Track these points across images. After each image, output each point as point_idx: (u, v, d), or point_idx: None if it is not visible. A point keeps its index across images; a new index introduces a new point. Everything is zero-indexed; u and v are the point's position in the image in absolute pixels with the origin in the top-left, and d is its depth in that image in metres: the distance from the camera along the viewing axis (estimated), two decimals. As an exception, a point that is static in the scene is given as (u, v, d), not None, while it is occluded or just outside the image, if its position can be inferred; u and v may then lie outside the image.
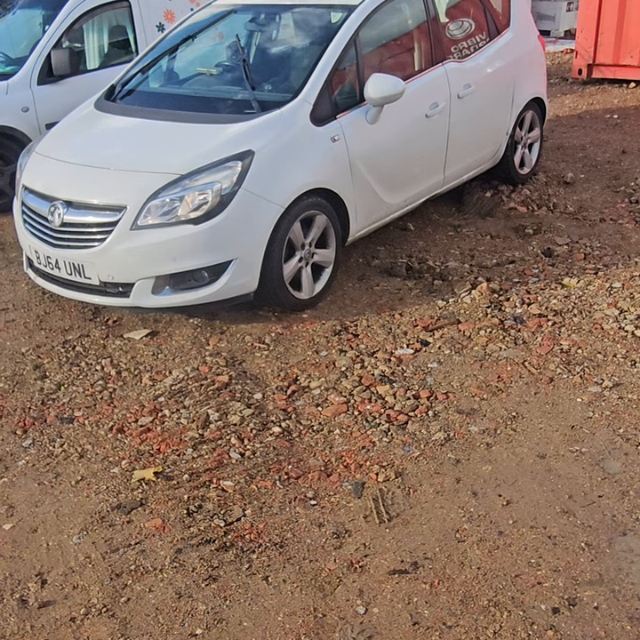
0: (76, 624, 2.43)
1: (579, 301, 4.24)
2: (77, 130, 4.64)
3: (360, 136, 4.33)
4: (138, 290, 3.90)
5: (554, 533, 2.68)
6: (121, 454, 3.20)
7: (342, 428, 3.30)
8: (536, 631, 2.33)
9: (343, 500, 2.90)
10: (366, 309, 4.29)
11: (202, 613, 2.45)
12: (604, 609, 2.39)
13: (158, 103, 4.58)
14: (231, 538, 2.73)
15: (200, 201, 3.79)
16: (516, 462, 3.05)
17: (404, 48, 4.92)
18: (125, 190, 3.88)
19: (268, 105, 4.18)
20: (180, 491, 2.97)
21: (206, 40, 5.20)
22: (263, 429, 3.31)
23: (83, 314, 4.35)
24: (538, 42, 5.98)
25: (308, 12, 4.77)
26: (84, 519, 2.85)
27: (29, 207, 4.22)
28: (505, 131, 5.64)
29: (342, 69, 4.37)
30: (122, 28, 6.65)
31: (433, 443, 3.18)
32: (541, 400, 3.42)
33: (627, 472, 2.96)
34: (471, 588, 2.48)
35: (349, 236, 4.51)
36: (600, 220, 5.40)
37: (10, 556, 2.70)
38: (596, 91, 9.14)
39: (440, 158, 5.02)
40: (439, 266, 4.76)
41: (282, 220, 3.96)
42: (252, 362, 3.84)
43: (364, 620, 2.40)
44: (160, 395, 3.58)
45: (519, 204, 5.68)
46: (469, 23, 5.28)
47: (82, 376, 3.77)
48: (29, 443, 3.30)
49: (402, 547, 2.66)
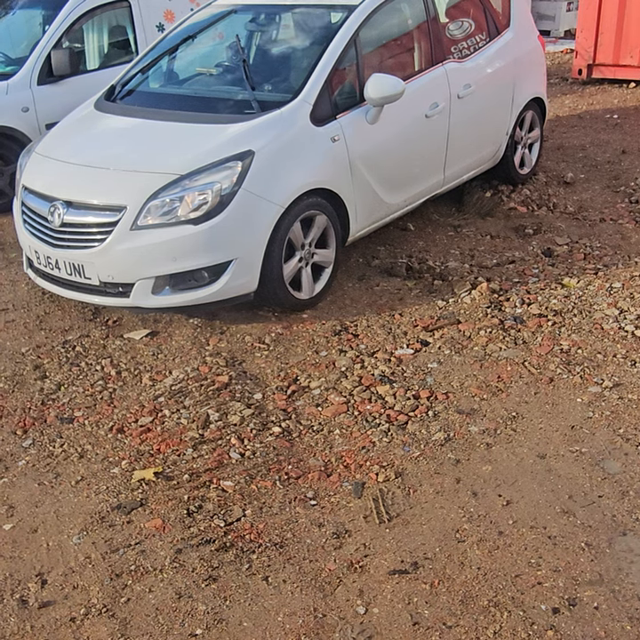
0: (76, 624, 2.43)
1: (579, 301, 4.24)
2: (77, 130, 4.64)
3: (360, 136, 4.33)
4: (138, 290, 3.90)
5: (554, 533, 2.68)
6: (121, 454, 3.20)
7: (342, 428, 3.30)
8: (536, 631, 2.33)
9: (343, 500, 2.90)
10: (366, 309, 4.29)
11: (202, 613, 2.45)
12: (604, 609, 2.39)
13: (158, 103, 4.58)
14: (231, 538, 2.73)
15: (200, 201, 3.79)
16: (516, 462, 3.05)
17: (404, 48, 4.92)
18: (125, 190, 3.88)
19: (268, 105, 4.18)
20: (180, 491, 2.97)
21: (206, 40, 5.20)
22: (263, 429, 3.31)
23: (83, 314, 4.35)
24: (538, 42, 5.98)
25: (308, 12, 4.77)
26: (84, 519, 2.85)
27: (29, 207, 4.22)
28: (505, 131, 5.64)
29: (342, 69, 4.37)
30: (122, 28, 6.65)
31: (433, 443, 3.18)
32: (541, 400, 3.42)
33: (627, 472, 2.96)
34: (471, 589, 2.49)
35: (349, 236, 4.51)
36: (600, 220, 5.40)
37: (10, 557, 2.70)
38: (596, 91, 9.14)
39: (440, 158, 5.02)
40: (439, 266, 4.76)
41: (282, 220, 3.96)
42: (252, 362, 3.84)
43: (364, 620, 2.40)
44: (160, 395, 3.59)
45: (519, 204, 5.68)
46: (469, 23, 5.28)
47: (82, 376, 3.78)
48: (29, 443, 3.30)
49: (402, 547, 2.66)
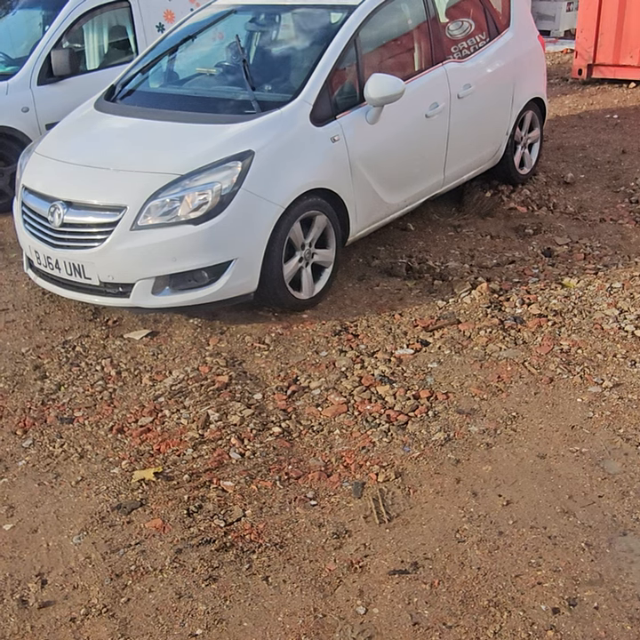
0: (76, 624, 2.43)
1: (579, 301, 4.24)
2: (77, 130, 4.64)
3: (360, 136, 4.33)
4: (138, 290, 3.90)
5: (554, 533, 2.68)
6: (121, 454, 3.20)
7: (342, 429, 3.30)
8: (536, 631, 2.33)
9: (343, 500, 2.90)
10: (366, 309, 4.29)
11: (202, 613, 2.45)
12: (604, 609, 2.39)
13: (158, 103, 4.58)
14: (231, 538, 2.73)
15: (200, 201, 3.79)
16: (516, 462, 3.05)
17: (403, 48, 4.92)
18: (125, 190, 3.88)
19: (268, 105, 4.18)
20: (181, 491, 2.97)
21: (206, 40, 5.20)
22: (263, 429, 3.31)
23: (83, 314, 4.35)
24: (538, 42, 5.98)
25: (307, 12, 4.77)
26: (85, 519, 2.85)
27: (29, 207, 4.22)
28: (505, 131, 5.64)
29: (342, 69, 4.37)
30: (122, 28, 6.65)
31: (433, 443, 3.18)
32: (541, 400, 3.42)
33: (627, 472, 2.96)
34: (471, 589, 2.49)
35: (349, 236, 4.51)
36: (600, 220, 5.40)
37: (10, 557, 2.70)
38: (596, 91, 9.14)
39: (440, 158, 5.02)
40: (439, 266, 4.76)
41: (282, 220, 3.96)
42: (252, 362, 3.84)
43: (364, 621, 2.40)
44: (160, 395, 3.59)
45: (519, 204, 5.68)
46: (469, 23, 5.28)
47: (82, 376, 3.78)
48: (29, 443, 3.30)
49: (402, 547, 2.66)
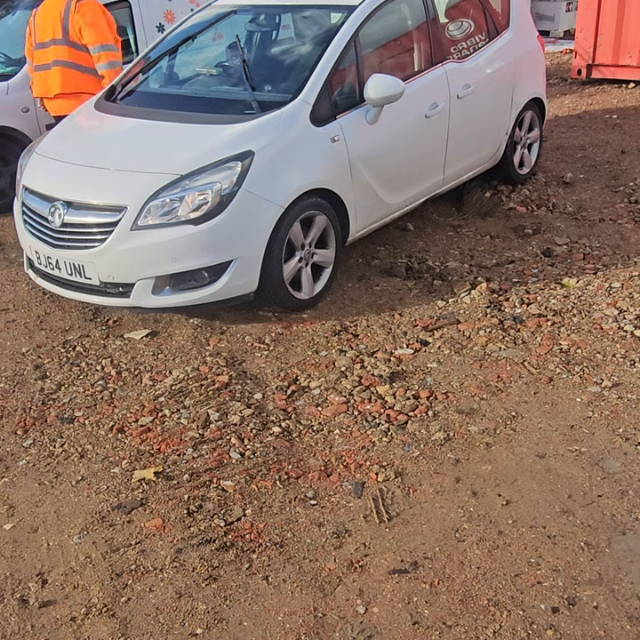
0: (76, 624, 2.43)
1: (578, 301, 4.24)
2: (78, 130, 4.65)
3: (360, 136, 4.33)
4: (138, 290, 3.90)
5: (553, 533, 2.69)
6: (121, 454, 3.20)
7: (342, 428, 3.30)
8: (536, 631, 2.33)
9: (343, 499, 2.90)
10: (366, 309, 4.29)
11: (202, 613, 2.45)
12: (604, 608, 2.39)
13: (158, 104, 4.59)
14: (231, 538, 2.73)
15: (200, 201, 3.79)
16: (516, 462, 3.05)
17: (403, 48, 4.92)
18: (126, 190, 3.89)
19: (268, 105, 4.18)
20: (181, 490, 2.97)
21: (206, 41, 5.20)
22: (263, 429, 3.32)
23: (83, 314, 4.35)
24: (537, 42, 5.98)
25: (307, 12, 4.78)
26: (85, 519, 2.85)
27: (30, 207, 4.23)
28: (504, 131, 5.64)
29: (342, 70, 4.38)
30: (122, 28, 6.64)
31: (433, 443, 3.18)
32: (541, 400, 3.43)
33: (626, 471, 2.96)
34: (471, 588, 2.49)
35: (349, 237, 4.51)
36: (599, 220, 5.41)
37: (10, 556, 2.71)
38: (596, 91, 9.15)
39: (440, 158, 5.03)
40: (439, 266, 4.76)
41: (282, 220, 3.97)
42: (252, 362, 3.84)
43: (364, 620, 2.40)
44: (160, 395, 3.59)
45: (519, 204, 5.69)
46: (469, 24, 5.29)
47: (82, 376, 3.78)
48: (30, 443, 3.31)
49: (402, 546, 2.67)
